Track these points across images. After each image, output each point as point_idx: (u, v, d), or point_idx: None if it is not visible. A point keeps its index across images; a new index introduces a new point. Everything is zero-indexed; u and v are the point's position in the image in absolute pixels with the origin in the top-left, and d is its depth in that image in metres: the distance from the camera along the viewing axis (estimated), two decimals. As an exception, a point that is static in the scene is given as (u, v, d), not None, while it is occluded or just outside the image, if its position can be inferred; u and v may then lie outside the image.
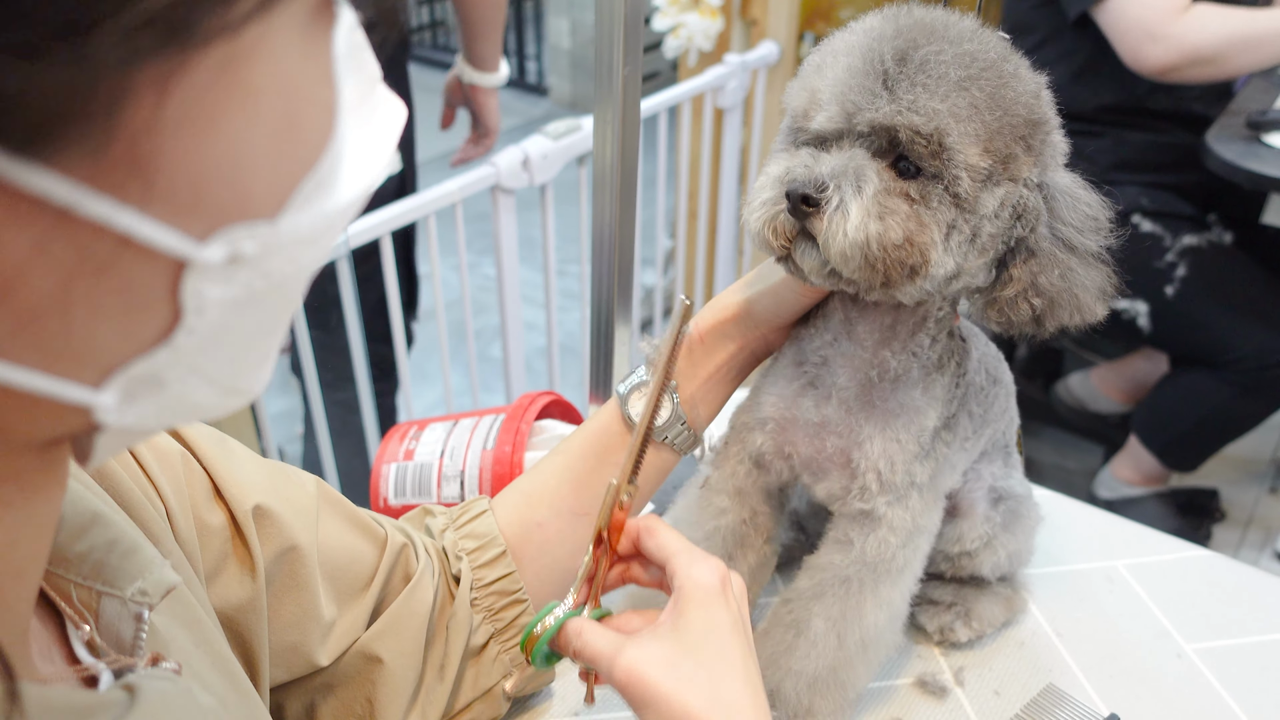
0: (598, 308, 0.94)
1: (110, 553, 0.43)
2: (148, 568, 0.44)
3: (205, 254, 0.28)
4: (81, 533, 0.43)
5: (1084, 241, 0.64)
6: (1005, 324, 0.66)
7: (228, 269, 0.29)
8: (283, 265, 0.31)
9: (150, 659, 0.43)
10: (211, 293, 0.29)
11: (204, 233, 0.28)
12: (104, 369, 0.29)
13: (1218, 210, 1.94)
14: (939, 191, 0.60)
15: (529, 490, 0.76)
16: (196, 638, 0.50)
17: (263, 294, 0.31)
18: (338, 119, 0.31)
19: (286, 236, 0.30)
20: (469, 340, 1.77)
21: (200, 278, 0.29)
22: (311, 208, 0.31)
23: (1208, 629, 0.86)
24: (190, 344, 0.30)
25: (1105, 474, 2.14)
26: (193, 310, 0.29)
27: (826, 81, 0.61)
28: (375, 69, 0.34)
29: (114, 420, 0.30)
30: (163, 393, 0.31)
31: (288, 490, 0.64)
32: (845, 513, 0.74)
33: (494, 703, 0.73)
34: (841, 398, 0.71)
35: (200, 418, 0.34)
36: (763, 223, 0.63)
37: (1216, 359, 1.84)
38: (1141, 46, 1.64)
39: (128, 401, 0.30)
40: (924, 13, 0.62)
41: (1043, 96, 0.62)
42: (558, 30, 4.94)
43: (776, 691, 0.73)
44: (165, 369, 0.30)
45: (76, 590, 0.42)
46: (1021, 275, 0.64)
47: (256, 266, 0.30)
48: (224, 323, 0.30)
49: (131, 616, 0.43)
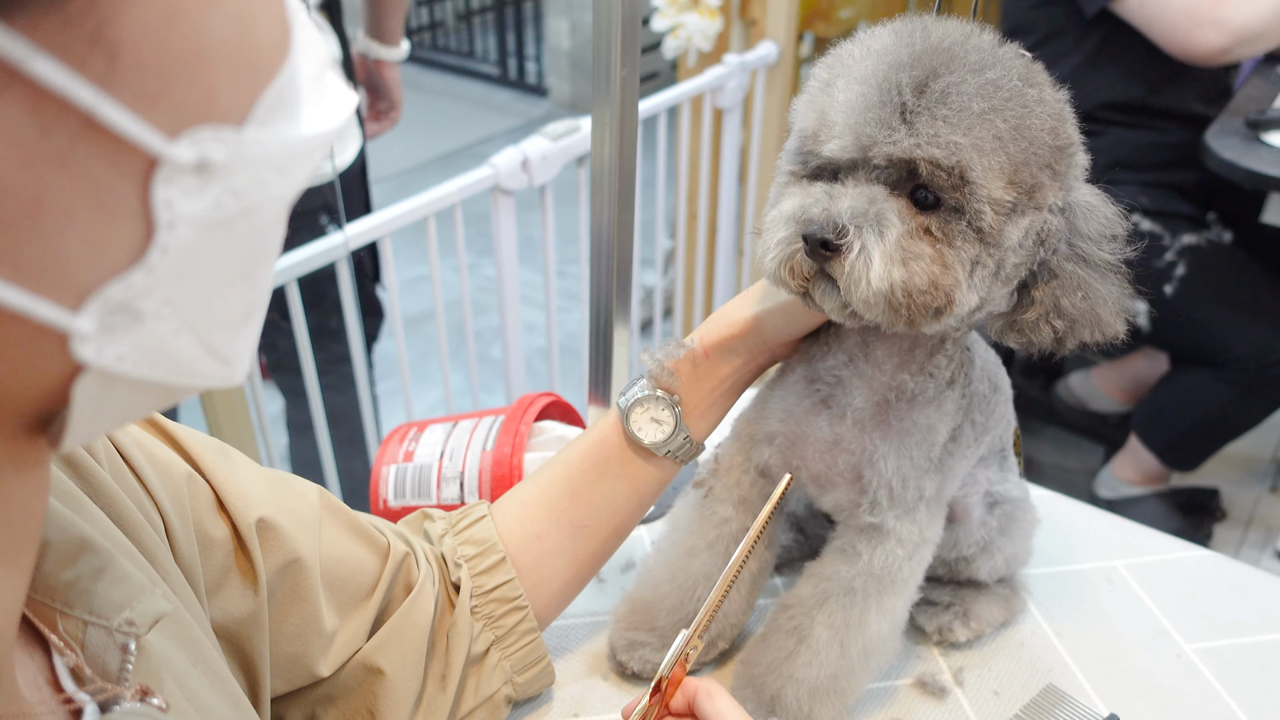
0: (597, 308, 0.94)
1: (98, 581, 0.42)
2: (136, 596, 0.43)
3: (174, 152, 0.28)
4: (69, 560, 0.42)
5: (1101, 255, 0.62)
6: (1026, 344, 0.64)
7: (198, 179, 0.29)
8: (251, 186, 0.31)
9: (139, 690, 0.42)
10: (183, 206, 0.29)
11: (171, 129, 0.28)
12: (79, 290, 0.29)
13: (1217, 209, 1.94)
14: (961, 227, 0.57)
15: (528, 500, 0.76)
16: (194, 658, 0.49)
17: (234, 218, 0.30)
18: (292, 34, 0.32)
19: (253, 151, 0.30)
20: (469, 341, 1.77)
21: (170, 185, 0.29)
22: (276, 125, 0.31)
23: (1207, 629, 0.86)
24: (164, 266, 0.29)
25: (1105, 474, 2.14)
26: (165, 224, 0.29)
27: (838, 106, 0.58)
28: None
29: (93, 356, 0.29)
30: (141, 328, 0.30)
31: (290, 501, 0.64)
32: (852, 525, 0.74)
33: (495, 709, 0.73)
34: (856, 418, 0.70)
35: (184, 379, 0.33)
36: (778, 263, 0.61)
37: (1216, 358, 1.84)
38: (1191, 34, 1.64)
39: (106, 334, 0.29)
40: (940, 33, 0.58)
41: (1067, 118, 0.59)
42: (557, 31, 4.94)
43: (777, 698, 0.73)
44: (141, 297, 0.30)
45: (62, 620, 0.41)
46: (1044, 297, 0.62)
47: (225, 180, 0.30)
48: (197, 246, 0.30)
49: (118, 647, 0.43)
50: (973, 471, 0.78)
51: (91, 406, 0.31)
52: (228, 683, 0.52)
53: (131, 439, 0.55)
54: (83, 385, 0.30)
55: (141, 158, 0.28)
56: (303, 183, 0.33)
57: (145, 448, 0.56)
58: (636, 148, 0.86)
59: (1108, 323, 0.63)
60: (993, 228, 0.57)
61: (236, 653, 0.59)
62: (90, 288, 0.29)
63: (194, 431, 0.61)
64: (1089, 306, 0.62)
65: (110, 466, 0.51)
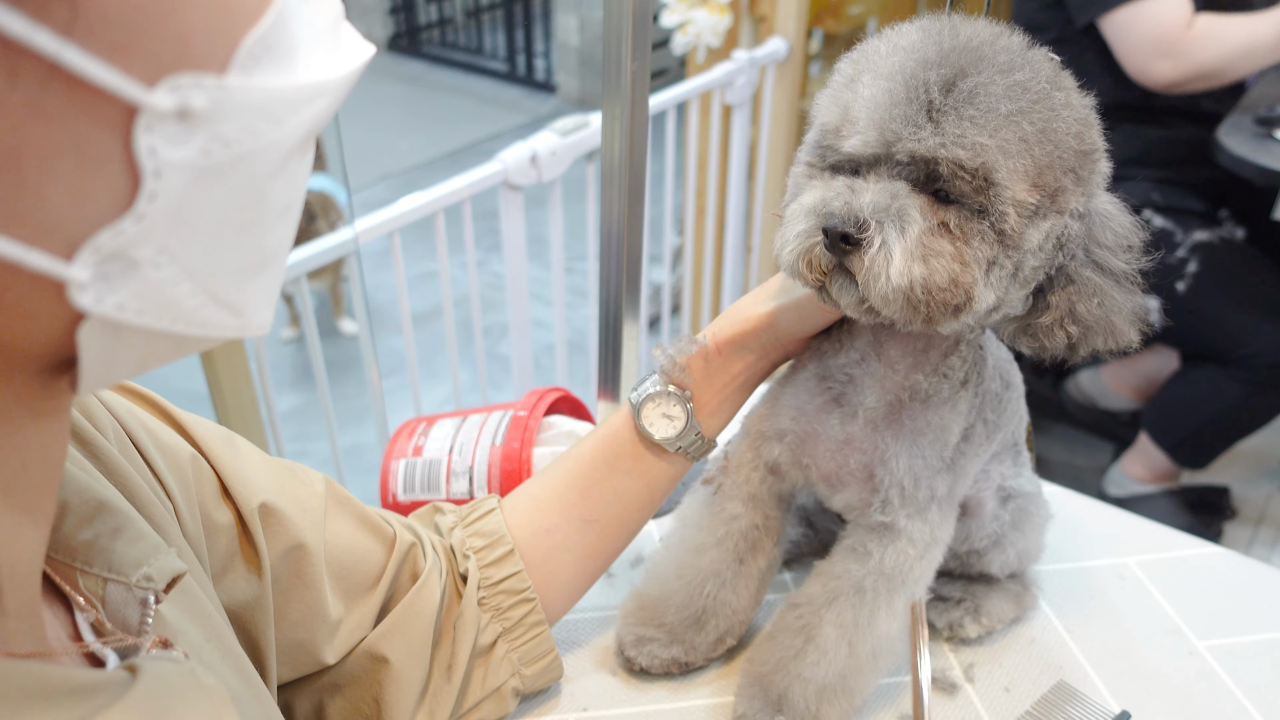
0: (606, 304, 0.94)
1: (116, 539, 0.44)
2: (153, 554, 0.44)
3: (152, 99, 0.28)
4: (87, 520, 0.43)
5: (1117, 264, 0.62)
6: (1038, 350, 0.64)
7: (181, 126, 0.29)
8: (241, 134, 0.30)
9: (158, 642, 0.43)
10: (168, 153, 0.29)
11: (148, 77, 0.28)
12: (70, 239, 0.29)
13: (1229, 206, 1.93)
14: (982, 227, 0.57)
15: (538, 495, 0.76)
16: (207, 632, 0.50)
17: (226, 167, 0.30)
18: None
19: (239, 98, 0.30)
20: (477, 337, 1.77)
21: (152, 132, 0.29)
22: (263, 72, 0.31)
23: (1220, 626, 0.86)
24: (155, 214, 0.30)
25: (1115, 471, 2.13)
26: (150, 172, 0.29)
27: (862, 102, 0.58)
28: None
29: (92, 304, 0.30)
30: (139, 277, 0.30)
31: (295, 489, 0.64)
32: (863, 524, 0.73)
33: (502, 701, 0.73)
34: (869, 417, 0.69)
35: (193, 328, 0.33)
36: (797, 256, 0.60)
37: (1228, 355, 1.83)
38: (1150, 63, 1.66)
39: (103, 282, 0.30)
40: (969, 32, 0.58)
41: (1092, 123, 0.59)
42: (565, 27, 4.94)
43: (784, 696, 0.73)
44: (134, 245, 0.30)
45: (83, 577, 0.42)
46: (1060, 303, 0.62)
47: (211, 127, 0.30)
48: (188, 194, 0.30)
49: (137, 602, 0.43)
50: (986, 466, 0.78)
51: (101, 354, 0.32)
52: (240, 659, 0.52)
53: (139, 423, 0.55)
54: (87, 333, 0.31)
55: (120, 106, 0.28)
56: (304, 132, 0.33)
57: (152, 432, 0.56)
58: (647, 142, 0.86)
59: (1122, 331, 0.63)
60: (1014, 230, 0.57)
61: (243, 637, 0.59)
62: (81, 237, 0.29)
63: (200, 419, 0.62)
64: (1104, 314, 0.62)
65: (120, 448, 0.52)
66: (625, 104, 0.82)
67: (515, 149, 1.64)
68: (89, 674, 0.37)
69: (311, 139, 0.35)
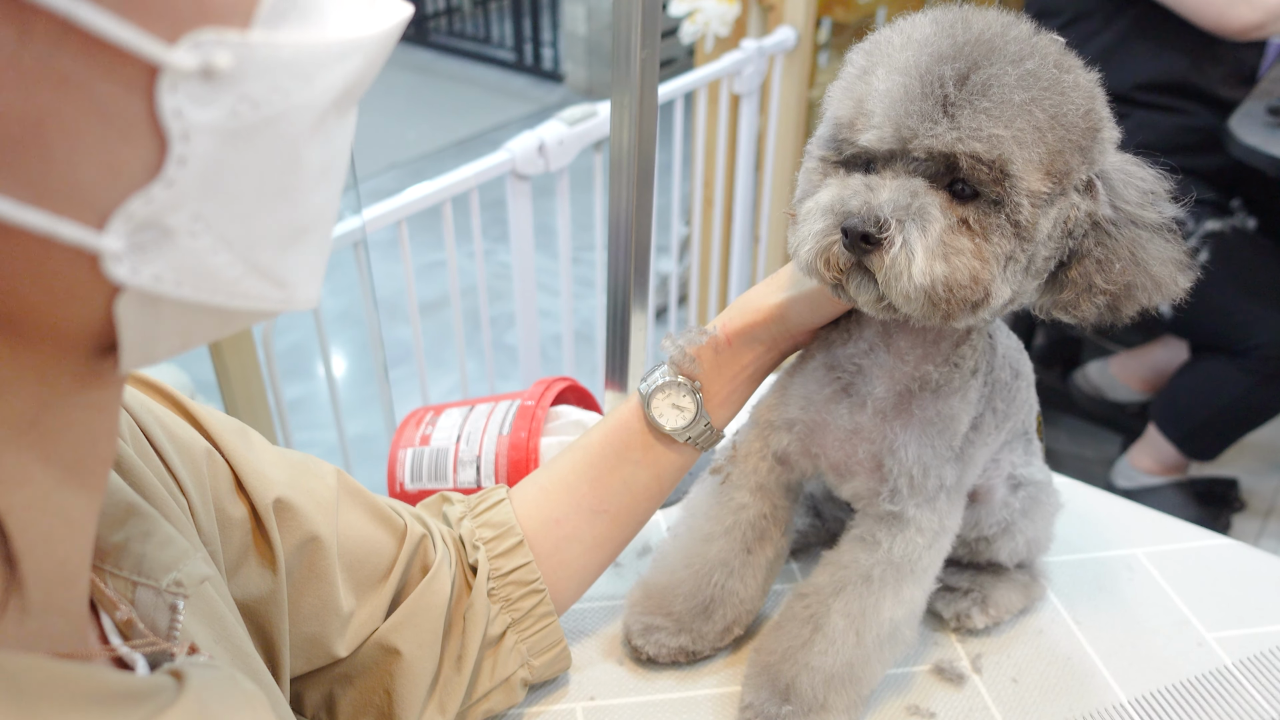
0: (614, 295, 0.94)
1: (146, 544, 0.43)
2: (182, 559, 0.44)
3: (174, 57, 0.27)
4: (118, 524, 0.43)
5: (1149, 216, 0.62)
6: (1079, 319, 0.64)
7: (206, 86, 0.28)
8: (269, 94, 0.29)
9: (188, 648, 0.43)
10: (195, 115, 0.28)
11: (168, 34, 0.27)
12: (101, 208, 0.28)
13: (1241, 195, 1.92)
14: (1000, 221, 0.57)
15: (547, 485, 0.76)
16: (217, 633, 0.50)
17: (256, 129, 0.29)
18: None
19: (264, 55, 0.29)
20: (484, 327, 1.77)
21: (176, 92, 0.28)
22: (289, 27, 0.29)
23: (1229, 617, 0.86)
24: (186, 179, 0.29)
25: (1123, 463, 2.12)
26: (178, 135, 0.28)
27: (877, 96, 0.57)
28: None
29: (128, 275, 0.29)
30: (174, 246, 0.29)
31: (308, 482, 0.64)
32: (872, 513, 0.73)
33: (512, 691, 0.73)
34: (878, 407, 0.69)
35: (234, 300, 0.32)
36: (814, 254, 0.60)
37: (1237, 346, 1.82)
38: (1230, 9, 1.65)
39: (138, 252, 0.29)
40: (981, 24, 0.58)
41: (1097, 96, 0.59)
42: (573, 16, 4.92)
43: (792, 686, 0.73)
44: (167, 212, 0.29)
45: (111, 580, 0.42)
46: (1077, 277, 0.62)
47: (238, 87, 0.29)
48: (218, 158, 0.29)
49: (166, 607, 0.43)
50: (997, 454, 0.78)
51: (141, 329, 0.31)
52: (252, 659, 0.52)
53: (153, 416, 0.55)
54: (124, 306, 0.30)
55: (141, 66, 0.27)
56: (337, 91, 0.32)
57: (166, 427, 0.56)
58: (655, 131, 0.86)
59: (1166, 281, 0.62)
60: (1029, 220, 0.57)
61: (256, 632, 0.59)
62: (112, 206, 0.28)
63: (214, 411, 0.62)
64: (1140, 271, 0.61)
65: (134, 444, 0.52)
66: (634, 93, 0.82)
67: (523, 138, 1.63)
68: (141, 678, 0.37)
69: (350, 100, 0.33)
